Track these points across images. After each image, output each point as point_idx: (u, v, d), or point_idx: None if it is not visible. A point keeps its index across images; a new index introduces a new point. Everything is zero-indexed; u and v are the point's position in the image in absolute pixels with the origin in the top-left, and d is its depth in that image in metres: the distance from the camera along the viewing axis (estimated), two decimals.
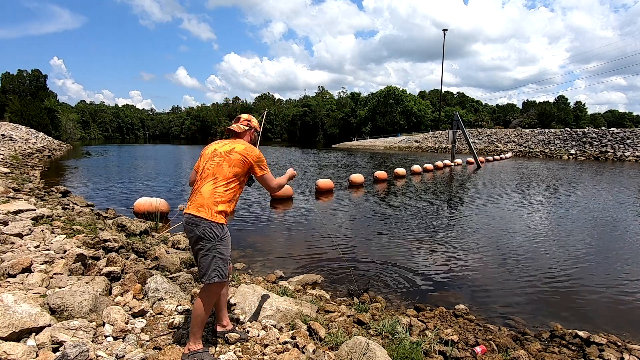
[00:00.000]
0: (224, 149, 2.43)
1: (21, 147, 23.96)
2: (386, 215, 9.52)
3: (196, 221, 2.26)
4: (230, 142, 2.49)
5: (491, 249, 6.65)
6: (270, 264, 5.65)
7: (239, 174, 2.39)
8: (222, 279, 2.31)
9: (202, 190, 2.32)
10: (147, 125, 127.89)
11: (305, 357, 2.49)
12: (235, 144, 2.46)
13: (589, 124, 71.17)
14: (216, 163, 2.37)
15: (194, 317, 2.29)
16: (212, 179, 2.33)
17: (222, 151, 2.41)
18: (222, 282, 2.34)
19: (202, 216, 2.25)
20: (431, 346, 3.00)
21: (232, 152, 2.39)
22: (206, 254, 2.28)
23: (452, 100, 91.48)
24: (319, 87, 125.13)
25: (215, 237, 2.27)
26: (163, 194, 11.01)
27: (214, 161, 2.39)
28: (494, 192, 13.92)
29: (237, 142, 2.50)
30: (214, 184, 2.32)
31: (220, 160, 2.37)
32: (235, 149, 2.42)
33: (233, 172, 2.36)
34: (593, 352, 3.32)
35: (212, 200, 2.28)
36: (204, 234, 2.25)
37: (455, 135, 27.89)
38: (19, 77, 65.61)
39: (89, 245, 4.23)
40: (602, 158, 35.66)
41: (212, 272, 2.28)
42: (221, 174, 2.34)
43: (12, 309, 2.23)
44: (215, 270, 2.28)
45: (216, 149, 2.47)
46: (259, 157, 2.46)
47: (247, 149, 2.44)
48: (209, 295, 2.31)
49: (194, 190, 2.41)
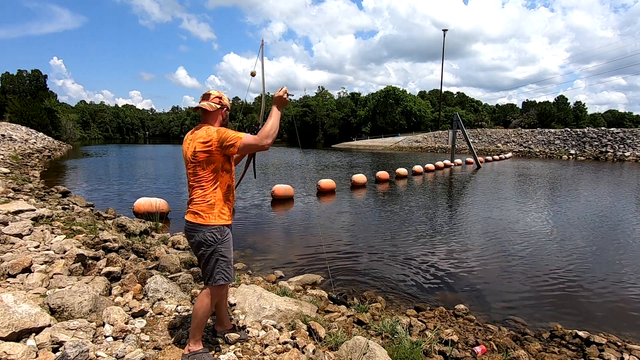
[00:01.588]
0: (189, 152, 2.24)
1: (21, 147, 23.96)
2: (387, 215, 9.52)
3: (194, 227, 2.25)
4: (192, 139, 2.26)
5: (491, 249, 6.65)
6: (270, 264, 5.65)
7: (217, 167, 2.23)
8: (227, 280, 2.31)
9: (194, 197, 2.27)
10: (147, 125, 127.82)
11: (305, 357, 2.49)
12: (195, 141, 2.22)
13: (589, 124, 71.18)
14: (192, 171, 2.26)
15: (195, 317, 2.28)
16: (197, 185, 2.26)
17: (189, 156, 2.24)
18: (227, 284, 2.34)
19: (199, 222, 2.23)
20: (431, 346, 3.00)
21: (196, 154, 2.19)
22: (209, 258, 2.27)
23: (452, 100, 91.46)
24: (319, 87, 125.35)
25: (215, 241, 2.25)
26: (163, 194, 10.99)
27: (189, 169, 2.28)
28: (494, 192, 13.92)
29: (196, 135, 2.25)
30: (202, 190, 2.25)
31: (193, 166, 2.24)
32: (196, 148, 2.19)
33: (210, 169, 2.22)
34: (593, 352, 3.32)
35: (206, 204, 2.24)
36: (204, 239, 2.24)
37: (455, 135, 27.89)
38: (19, 77, 65.58)
39: (89, 245, 4.23)
40: (602, 158, 35.66)
41: (217, 274, 2.27)
42: (202, 178, 2.23)
43: (12, 309, 2.23)
44: (219, 273, 2.28)
45: (185, 152, 2.30)
46: (220, 136, 2.16)
47: (205, 137, 2.18)
48: (213, 297, 2.30)
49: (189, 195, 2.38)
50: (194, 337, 2.29)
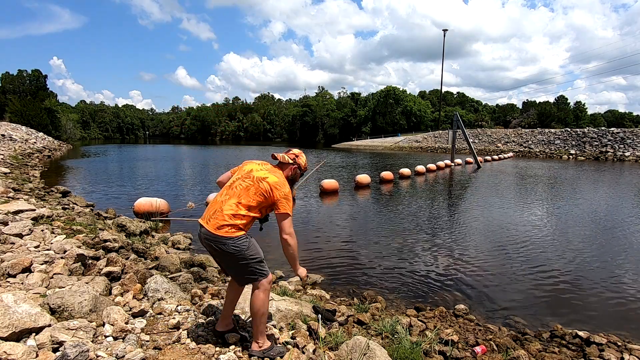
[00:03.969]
0: (259, 174, 2.40)
1: (21, 147, 23.96)
2: (388, 215, 9.53)
3: (217, 239, 2.28)
4: (269, 171, 2.45)
5: (491, 249, 6.65)
6: (270, 264, 5.60)
7: (262, 204, 2.36)
8: (266, 275, 2.39)
9: (224, 208, 2.32)
10: (147, 125, 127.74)
11: (305, 357, 2.49)
12: (271, 174, 2.41)
13: (589, 124, 71.17)
14: (245, 185, 2.36)
15: (256, 315, 2.37)
16: (236, 200, 2.33)
17: (256, 176, 2.39)
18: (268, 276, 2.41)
19: (223, 234, 2.27)
20: (431, 346, 3.00)
21: (263, 181, 2.35)
22: (240, 265, 2.34)
23: (452, 100, 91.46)
24: (319, 87, 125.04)
25: (243, 248, 2.31)
26: (163, 195, 10.99)
27: (245, 182, 2.37)
28: (494, 193, 13.92)
29: (275, 172, 2.45)
30: (236, 206, 2.32)
31: (250, 184, 2.35)
32: (267, 178, 2.37)
33: (257, 200, 2.34)
34: (593, 352, 3.32)
35: (232, 220, 2.30)
36: (232, 250, 2.29)
37: (455, 135, 27.89)
38: (19, 77, 65.55)
39: (89, 245, 4.23)
40: (602, 158, 35.66)
41: (255, 274, 2.36)
42: (246, 198, 2.33)
43: (12, 309, 2.23)
44: (256, 273, 2.36)
45: (252, 169, 2.44)
46: (287, 195, 2.39)
47: (279, 183, 2.38)
48: (265, 291, 2.39)
49: (215, 200, 2.42)
50: (262, 333, 2.41)
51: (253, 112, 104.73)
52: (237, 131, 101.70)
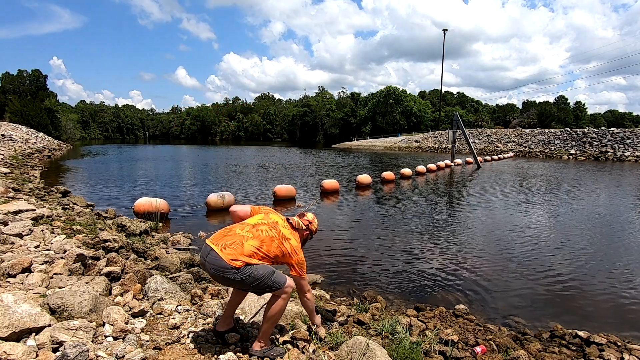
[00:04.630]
0: (284, 231, 2.51)
1: (21, 147, 23.96)
2: (388, 215, 9.53)
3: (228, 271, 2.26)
4: (292, 232, 2.58)
5: (491, 249, 6.65)
6: None
7: (278, 258, 2.46)
8: (282, 284, 2.39)
9: (245, 244, 2.33)
10: (147, 125, 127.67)
11: (305, 357, 2.49)
12: (293, 237, 2.54)
13: (589, 124, 71.18)
14: (271, 235, 2.43)
15: (270, 320, 2.41)
16: (259, 244, 2.37)
17: (282, 232, 2.49)
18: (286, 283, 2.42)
19: (235, 266, 2.27)
20: (431, 346, 3.00)
21: (287, 241, 2.47)
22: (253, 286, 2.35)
23: (452, 100, 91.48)
24: (319, 87, 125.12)
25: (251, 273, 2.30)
26: (163, 195, 10.99)
27: (271, 232, 2.44)
28: (494, 193, 13.93)
29: (295, 235, 2.58)
30: (257, 249, 2.35)
31: (275, 237, 2.43)
32: (290, 241, 2.50)
33: (275, 253, 2.42)
34: (593, 352, 3.32)
35: (248, 259, 2.31)
36: (242, 279, 2.29)
37: (455, 135, 27.90)
38: (19, 77, 65.56)
39: (89, 245, 4.23)
40: (602, 158, 35.67)
41: (271, 287, 2.38)
42: (268, 246, 2.39)
43: (12, 309, 2.23)
44: (273, 284, 2.37)
45: (278, 223, 2.54)
46: (302, 261, 2.54)
47: (298, 248, 2.52)
48: (284, 298, 2.42)
49: (234, 231, 2.41)
50: (267, 336, 2.45)
51: (253, 112, 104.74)
52: (237, 131, 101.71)
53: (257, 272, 2.31)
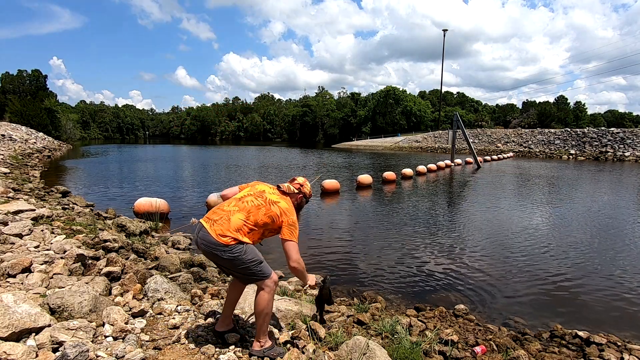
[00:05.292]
0: (272, 197, 2.46)
1: (21, 147, 23.96)
2: (388, 215, 9.53)
3: (215, 245, 2.29)
4: (280, 196, 2.52)
5: (491, 249, 6.65)
6: (270, 264, 5.62)
7: (267, 226, 2.41)
8: (269, 275, 2.39)
9: (232, 218, 2.34)
10: (147, 125, 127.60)
11: (305, 357, 2.49)
12: (282, 200, 2.48)
13: (588, 124, 71.18)
14: (257, 204, 2.40)
15: (261, 315, 2.37)
16: (245, 215, 2.36)
17: (269, 198, 2.45)
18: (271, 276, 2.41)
19: (222, 242, 2.28)
20: (431, 346, 3.00)
21: (274, 204, 2.42)
22: (240, 269, 2.35)
23: (452, 100, 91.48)
24: (319, 87, 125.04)
25: (239, 255, 2.31)
26: (163, 195, 10.99)
27: (257, 201, 2.42)
28: (494, 193, 13.93)
29: (285, 199, 2.52)
30: (244, 221, 2.34)
31: (262, 204, 2.40)
32: (279, 203, 2.44)
33: (264, 221, 2.38)
34: (593, 352, 3.32)
35: (236, 233, 2.32)
36: (228, 257, 2.29)
37: (455, 135, 27.90)
38: (19, 77, 65.56)
39: (89, 245, 4.23)
40: (602, 158, 35.67)
41: (257, 276, 2.37)
42: (255, 216, 2.36)
43: (12, 309, 2.23)
44: (258, 274, 2.36)
45: (265, 190, 2.51)
46: (294, 222, 2.44)
47: (289, 210, 2.45)
48: (269, 292, 2.39)
49: (222, 208, 2.42)
50: (264, 332, 2.42)
51: (253, 112, 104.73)
52: (237, 131, 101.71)
53: (246, 255, 2.31)
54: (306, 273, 2.55)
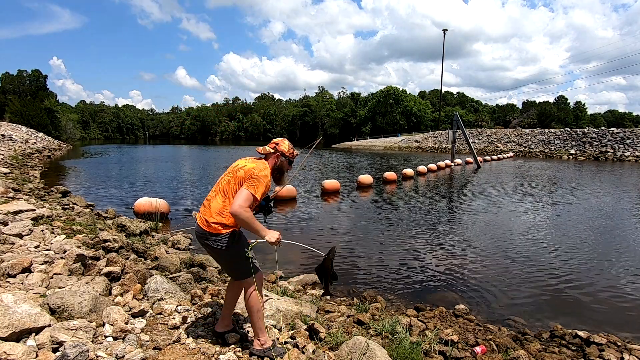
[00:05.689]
0: (238, 166, 2.40)
1: (21, 147, 23.96)
2: (389, 215, 9.53)
3: (205, 236, 2.33)
4: (252, 161, 2.43)
5: (491, 249, 6.65)
6: (270, 264, 5.64)
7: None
8: (252, 274, 2.37)
9: (212, 204, 2.35)
10: (147, 125, 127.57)
11: (305, 357, 2.49)
12: (250, 164, 2.38)
13: (588, 124, 71.17)
14: (227, 180, 2.38)
15: (252, 312, 2.38)
16: (222, 196, 2.35)
17: (236, 168, 2.40)
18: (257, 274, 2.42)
19: (211, 231, 2.30)
20: (431, 346, 3.00)
21: (240, 170, 2.35)
22: (228, 261, 2.39)
23: (452, 100, 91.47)
24: (319, 87, 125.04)
25: (228, 245, 2.32)
26: (163, 195, 10.98)
27: (227, 177, 2.40)
28: (494, 193, 13.93)
29: (256, 162, 2.42)
30: (222, 201, 2.34)
31: (230, 178, 2.37)
32: (245, 167, 2.35)
33: (236, 189, 2.31)
34: (593, 352, 3.32)
35: (219, 217, 2.31)
36: (218, 246, 2.32)
37: (455, 135, 27.90)
38: (19, 77, 65.55)
39: (89, 245, 4.23)
40: (602, 158, 35.67)
41: (240, 272, 2.38)
42: (229, 191, 2.34)
43: (12, 309, 2.23)
44: (244, 268, 2.36)
45: (238, 164, 2.43)
46: (258, 176, 2.27)
47: (255, 169, 2.31)
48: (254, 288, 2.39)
49: (206, 199, 2.45)
50: (262, 330, 2.42)
51: (253, 112, 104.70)
52: (237, 131, 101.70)
53: (234, 247, 2.32)
54: (260, 226, 2.23)
